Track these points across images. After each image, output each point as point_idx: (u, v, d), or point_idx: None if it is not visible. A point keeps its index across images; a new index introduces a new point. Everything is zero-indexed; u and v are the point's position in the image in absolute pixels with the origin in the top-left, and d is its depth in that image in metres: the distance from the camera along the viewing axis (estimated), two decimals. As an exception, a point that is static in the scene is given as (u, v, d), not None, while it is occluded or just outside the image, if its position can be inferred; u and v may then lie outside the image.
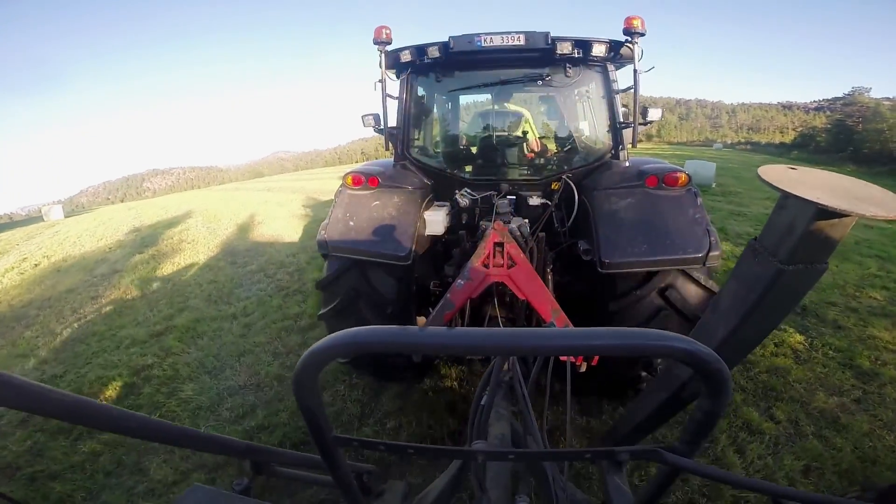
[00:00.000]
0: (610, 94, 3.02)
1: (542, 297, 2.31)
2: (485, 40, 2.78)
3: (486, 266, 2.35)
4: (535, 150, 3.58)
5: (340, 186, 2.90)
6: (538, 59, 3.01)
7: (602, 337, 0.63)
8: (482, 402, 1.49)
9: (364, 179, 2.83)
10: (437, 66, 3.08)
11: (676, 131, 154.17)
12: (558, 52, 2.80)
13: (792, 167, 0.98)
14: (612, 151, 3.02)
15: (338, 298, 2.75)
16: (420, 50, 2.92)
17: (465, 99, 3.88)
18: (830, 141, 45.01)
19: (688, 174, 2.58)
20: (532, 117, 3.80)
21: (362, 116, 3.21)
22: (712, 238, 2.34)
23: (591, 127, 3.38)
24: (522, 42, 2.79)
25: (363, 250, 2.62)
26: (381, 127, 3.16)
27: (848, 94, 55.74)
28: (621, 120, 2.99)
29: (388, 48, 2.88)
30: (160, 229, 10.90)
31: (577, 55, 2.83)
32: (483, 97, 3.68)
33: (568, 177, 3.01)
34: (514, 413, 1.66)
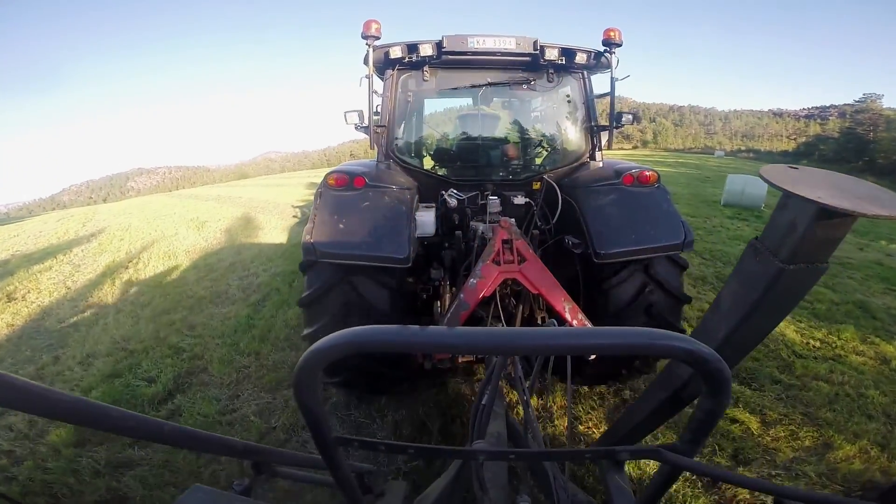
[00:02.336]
0: (588, 99, 3.25)
1: (555, 291, 2.43)
2: (477, 41, 2.83)
3: (498, 263, 2.42)
4: (518, 151, 3.66)
5: (321, 188, 2.71)
6: (524, 64, 3.14)
7: (604, 336, 0.63)
8: (483, 402, 1.49)
9: (348, 179, 2.67)
10: (425, 65, 3.05)
11: (673, 137, 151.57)
12: (545, 57, 2.94)
13: (793, 166, 0.98)
14: (590, 153, 3.27)
15: (327, 317, 2.53)
16: (411, 47, 2.88)
17: (450, 99, 3.85)
18: (838, 149, 43.31)
19: (657, 173, 2.83)
20: (515, 119, 3.84)
21: (345, 113, 3.03)
22: (686, 227, 2.62)
23: (570, 130, 3.51)
24: (512, 46, 2.89)
25: (358, 254, 2.43)
26: (366, 125, 3.01)
27: (859, 101, 53.80)
28: (597, 123, 3.23)
29: (377, 43, 2.78)
30: (23, 265, 8.70)
31: (560, 62, 3.01)
32: (468, 98, 3.64)
33: (549, 177, 3.18)
34: (515, 412, 1.66)
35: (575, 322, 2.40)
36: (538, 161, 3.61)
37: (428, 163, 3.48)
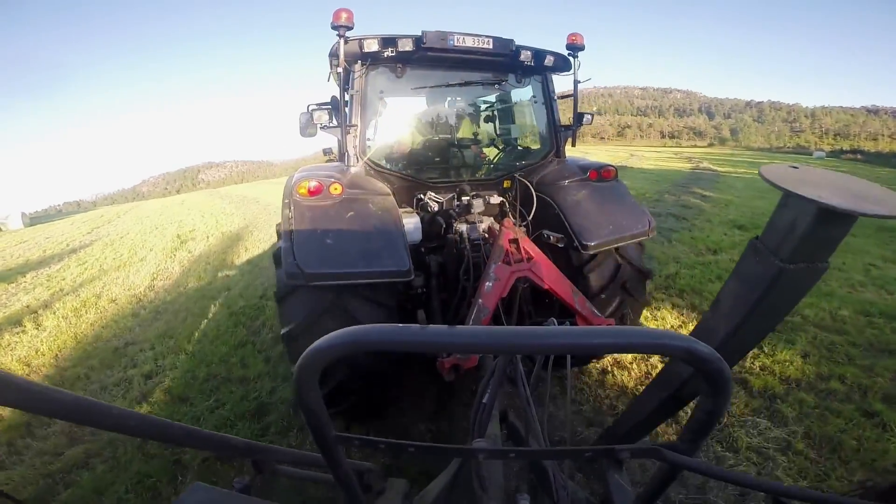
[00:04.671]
0: (553, 99, 3.37)
1: (563, 284, 2.54)
2: (457, 39, 2.77)
3: (509, 263, 2.46)
4: (491, 150, 3.70)
5: (289, 198, 2.44)
6: (498, 64, 3.17)
7: (604, 335, 0.63)
8: (484, 401, 1.49)
9: (325, 187, 2.41)
10: (399, 61, 2.91)
11: (755, 135, 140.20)
12: (519, 59, 2.98)
13: (794, 165, 0.98)
14: (555, 150, 3.40)
15: (304, 314, 2.25)
16: (389, 41, 2.70)
17: (422, 98, 3.74)
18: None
19: (615, 168, 3.17)
20: (487, 119, 3.85)
21: (312, 111, 2.75)
22: (648, 215, 2.94)
23: (537, 129, 3.60)
24: (490, 46, 2.87)
25: (357, 272, 2.19)
26: (337, 125, 2.78)
27: None
28: (561, 123, 3.38)
29: (349, 34, 2.55)
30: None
31: (530, 64, 3.06)
32: (440, 97, 3.58)
33: (520, 175, 3.28)
34: (516, 411, 1.66)
35: (585, 312, 2.50)
36: (509, 160, 3.67)
37: (401, 165, 3.32)
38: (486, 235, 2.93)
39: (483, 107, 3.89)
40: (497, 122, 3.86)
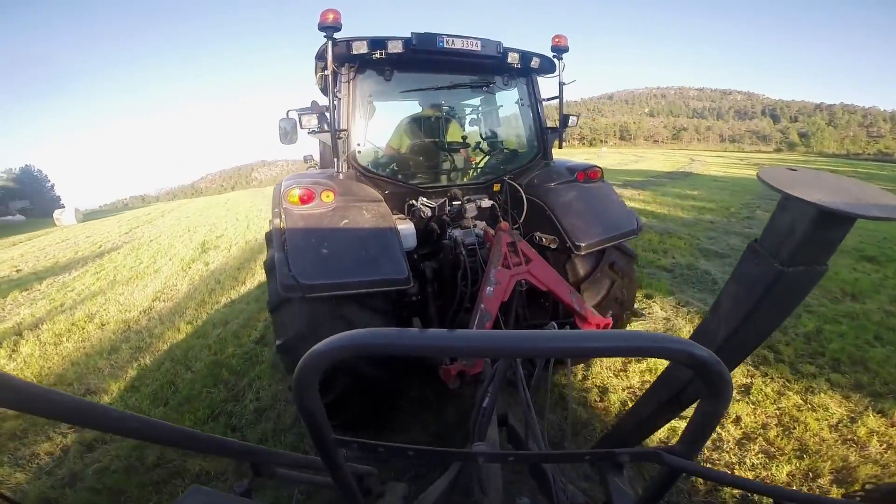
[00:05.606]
0: (539, 101, 3.40)
1: (561, 285, 2.57)
2: (446, 41, 2.76)
3: (508, 267, 2.47)
4: (481, 154, 3.72)
5: (280, 206, 2.38)
6: (486, 66, 3.18)
7: (603, 339, 0.63)
8: (484, 405, 1.49)
9: (316, 194, 2.37)
10: (388, 64, 2.84)
11: (829, 140, 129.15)
12: (506, 61, 3.00)
13: (792, 168, 0.99)
14: (542, 153, 3.44)
15: (299, 326, 2.21)
16: (378, 43, 2.64)
17: (410, 101, 3.73)
18: None
19: (601, 169, 3.24)
20: (475, 122, 3.87)
21: (300, 115, 2.68)
22: (634, 214, 3.04)
23: (525, 131, 3.61)
24: (479, 48, 2.87)
25: (356, 281, 2.14)
26: (326, 129, 2.72)
27: None
28: (548, 125, 3.44)
29: (337, 36, 2.48)
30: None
31: (517, 66, 3.09)
32: (429, 100, 3.57)
33: (509, 178, 3.31)
34: (516, 414, 1.66)
35: (583, 312, 2.52)
36: (498, 163, 3.68)
37: (391, 170, 3.26)
38: (482, 240, 2.92)
39: (470, 110, 3.91)
40: (485, 126, 3.87)
